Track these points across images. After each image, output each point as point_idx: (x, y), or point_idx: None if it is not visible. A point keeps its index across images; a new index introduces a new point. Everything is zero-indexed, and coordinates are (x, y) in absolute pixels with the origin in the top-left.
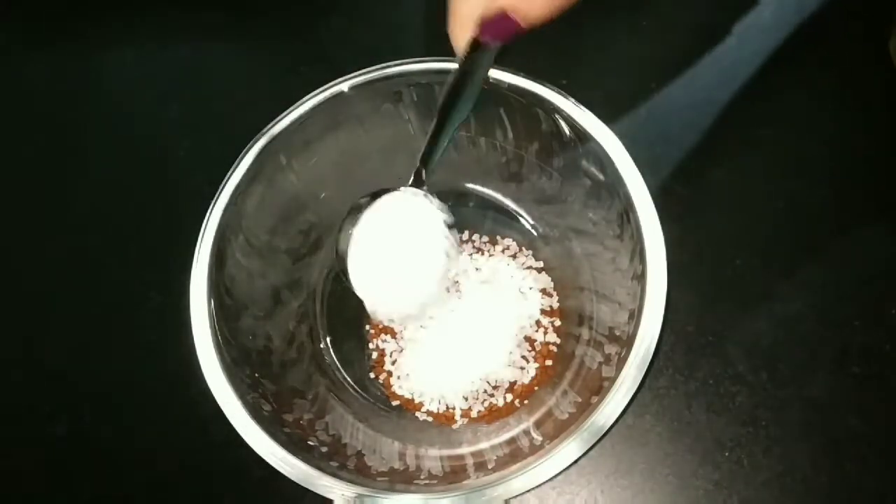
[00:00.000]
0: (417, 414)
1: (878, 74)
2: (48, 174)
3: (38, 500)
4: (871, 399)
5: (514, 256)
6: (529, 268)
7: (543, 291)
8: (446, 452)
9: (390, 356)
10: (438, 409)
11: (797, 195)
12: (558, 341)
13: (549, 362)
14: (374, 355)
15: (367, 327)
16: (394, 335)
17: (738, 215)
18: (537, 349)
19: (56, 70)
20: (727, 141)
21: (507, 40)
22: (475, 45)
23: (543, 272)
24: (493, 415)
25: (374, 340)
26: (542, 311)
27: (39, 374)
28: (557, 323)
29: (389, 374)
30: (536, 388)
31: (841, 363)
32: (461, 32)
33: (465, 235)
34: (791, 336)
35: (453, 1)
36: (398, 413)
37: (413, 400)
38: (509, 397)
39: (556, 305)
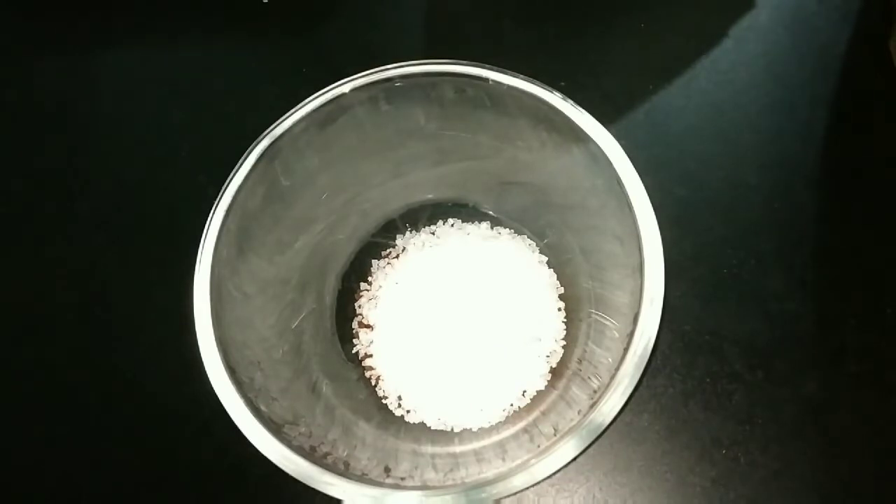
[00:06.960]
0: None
1: (877, 74)
2: (50, 174)
3: (38, 499)
4: (868, 398)
5: (512, 257)
6: (528, 268)
7: (542, 292)
8: (445, 450)
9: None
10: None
11: (795, 195)
12: (560, 337)
13: (550, 363)
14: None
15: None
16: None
17: (736, 216)
18: (539, 351)
19: (57, 71)
20: (725, 142)
21: None
22: None
23: (541, 271)
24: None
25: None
26: (542, 312)
27: (39, 373)
28: (557, 323)
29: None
30: (539, 390)
31: (837, 362)
32: None
33: (465, 233)
34: (787, 335)
35: None
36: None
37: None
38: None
39: (555, 305)
